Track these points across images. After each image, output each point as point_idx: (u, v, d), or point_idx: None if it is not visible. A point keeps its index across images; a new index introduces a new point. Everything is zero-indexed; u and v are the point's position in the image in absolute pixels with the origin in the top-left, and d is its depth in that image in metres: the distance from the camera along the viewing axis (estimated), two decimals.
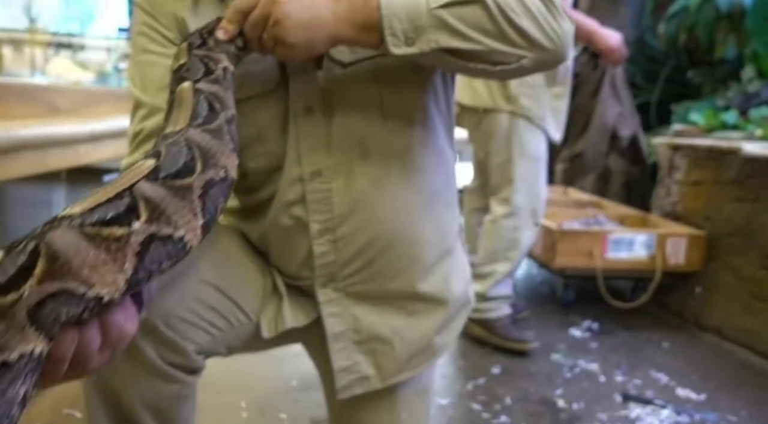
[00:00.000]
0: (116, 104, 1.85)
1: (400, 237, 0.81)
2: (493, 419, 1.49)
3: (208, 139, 0.48)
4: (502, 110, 1.89)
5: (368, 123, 0.77)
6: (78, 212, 0.37)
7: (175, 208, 0.41)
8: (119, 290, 0.38)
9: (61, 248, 0.35)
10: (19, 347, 0.32)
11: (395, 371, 0.88)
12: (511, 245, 1.92)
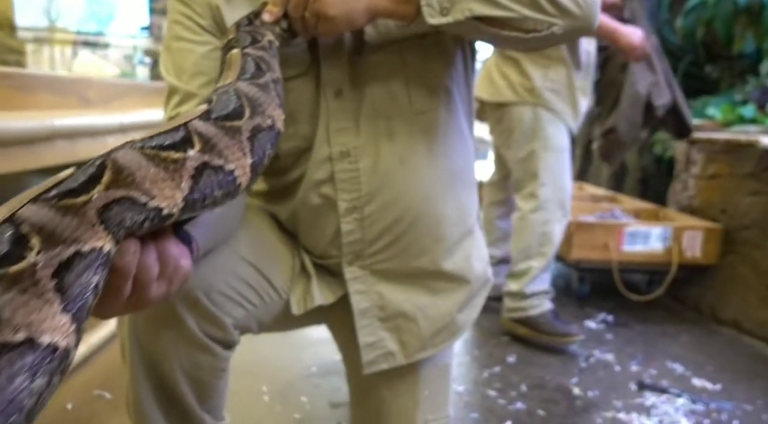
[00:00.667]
0: (142, 97, 1.90)
1: (425, 216, 0.84)
2: (508, 405, 1.51)
3: (255, 91, 0.52)
4: (525, 104, 1.88)
5: (395, 105, 0.81)
6: (142, 138, 0.42)
7: (226, 145, 0.45)
8: (177, 205, 0.41)
9: (125, 162, 0.39)
10: (91, 242, 0.35)
11: (419, 348, 0.91)
12: (543, 239, 1.91)
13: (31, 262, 0.32)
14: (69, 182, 0.37)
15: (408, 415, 0.97)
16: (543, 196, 1.89)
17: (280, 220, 0.90)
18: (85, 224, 0.35)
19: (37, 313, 0.30)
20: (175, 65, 0.80)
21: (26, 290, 0.30)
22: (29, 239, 0.32)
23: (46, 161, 1.43)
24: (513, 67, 1.90)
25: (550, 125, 1.88)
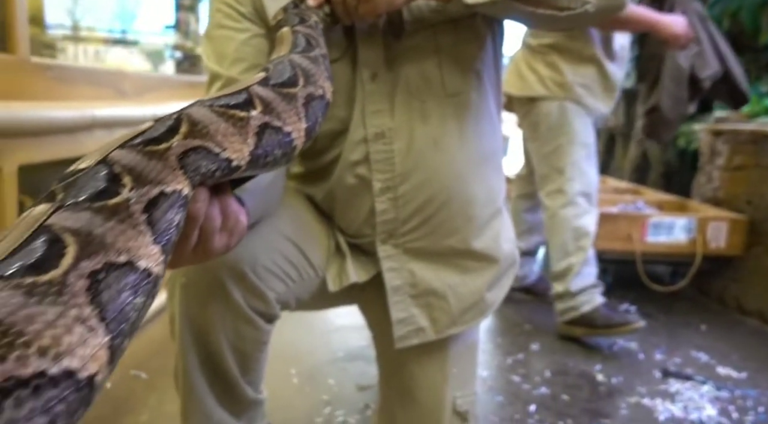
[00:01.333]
0: (173, 90, 1.95)
1: (456, 196, 0.87)
2: (533, 390, 1.53)
3: (307, 63, 0.56)
4: (554, 98, 1.87)
5: (429, 89, 0.83)
6: (210, 98, 0.46)
7: (284, 109, 0.49)
8: (244, 158, 0.45)
9: (198, 117, 0.44)
10: (172, 184, 0.39)
11: (448, 324, 0.94)
12: (577, 233, 1.87)
13: (125, 197, 0.35)
14: (151, 132, 0.41)
15: (437, 391, 1.00)
16: (571, 191, 1.86)
17: (315, 201, 0.94)
18: (168, 168, 0.39)
19: (134, 241, 0.34)
20: (217, 52, 0.84)
21: (123, 220, 0.34)
22: (122, 178, 0.36)
23: (86, 149, 1.48)
24: (542, 61, 1.89)
25: (577, 119, 1.86)
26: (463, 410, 1.02)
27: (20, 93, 1.21)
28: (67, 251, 0.30)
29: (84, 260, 0.30)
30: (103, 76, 1.63)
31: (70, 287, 0.28)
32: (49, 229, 0.31)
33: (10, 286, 0.27)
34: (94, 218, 0.33)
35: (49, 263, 0.29)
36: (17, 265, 0.28)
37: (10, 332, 0.25)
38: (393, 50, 0.82)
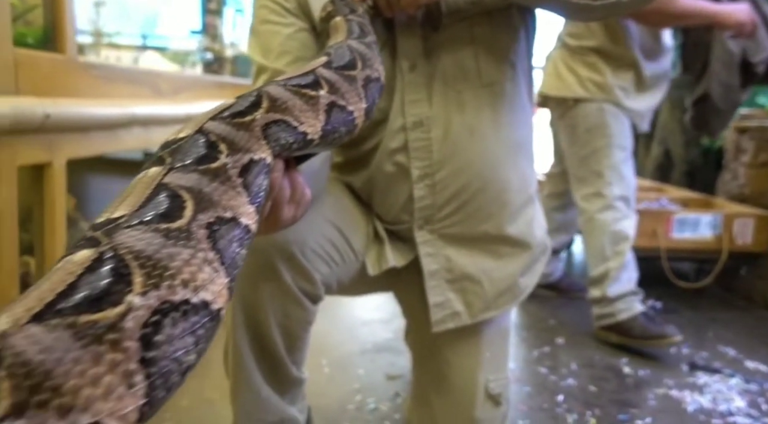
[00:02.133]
0: (205, 90, 2.01)
1: (491, 182, 0.90)
2: (560, 381, 1.55)
3: (363, 48, 0.61)
4: (593, 100, 1.83)
5: (465, 79, 0.87)
6: (281, 79, 0.50)
7: (346, 90, 0.53)
8: (317, 133, 0.50)
9: (276, 94, 0.48)
10: (259, 152, 0.43)
11: (483, 309, 0.97)
12: (616, 238, 1.83)
13: (223, 162, 0.39)
14: (236, 106, 0.45)
15: (470, 375, 1.03)
16: (610, 194, 1.82)
17: (354, 189, 0.97)
18: (254, 138, 0.43)
19: (235, 200, 0.38)
20: (263, 46, 0.88)
21: (224, 182, 0.38)
22: (218, 145, 0.40)
23: (125, 145, 1.54)
24: (582, 62, 1.86)
25: (615, 122, 1.82)
26: (496, 393, 1.04)
27: (68, 90, 1.27)
28: (186, 204, 0.34)
29: (200, 213, 0.34)
30: (142, 75, 1.69)
31: (195, 234, 0.33)
32: (167, 186, 0.35)
33: (151, 229, 0.31)
34: (202, 178, 0.37)
35: (175, 213, 0.33)
36: (151, 214, 0.32)
37: (159, 265, 0.29)
38: (430, 42, 0.86)
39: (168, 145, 0.40)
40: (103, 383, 0.25)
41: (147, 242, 0.30)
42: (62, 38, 1.25)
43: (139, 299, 0.28)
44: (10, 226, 1.08)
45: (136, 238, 0.30)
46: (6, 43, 1.06)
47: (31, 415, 0.23)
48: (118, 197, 0.35)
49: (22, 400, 0.23)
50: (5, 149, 1.06)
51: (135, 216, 0.32)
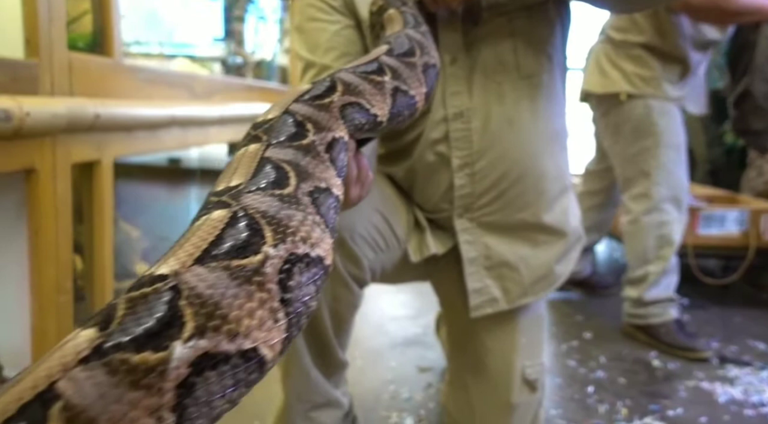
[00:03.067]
0: (237, 92, 2.07)
1: (529, 171, 0.94)
2: (589, 374, 1.57)
3: (419, 37, 0.65)
4: (638, 96, 1.75)
5: (504, 71, 0.90)
6: (349, 67, 0.54)
7: (408, 75, 0.57)
8: (386, 115, 0.54)
9: (348, 79, 0.52)
10: (338, 131, 0.47)
11: (520, 295, 1.00)
12: (660, 242, 1.76)
13: (312, 139, 0.44)
14: (314, 91, 0.49)
15: (507, 360, 1.06)
16: (657, 195, 1.75)
17: (396, 180, 1.01)
18: (333, 118, 0.47)
19: (326, 173, 0.42)
20: (309, 42, 0.93)
21: (315, 157, 0.42)
22: (305, 124, 0.45)
23: (165, 146, 1.60)
24: (627, 56, 1.78)
25: (663, 118, 1.74)
26: (532, 379, 1.07)
27: (114, 92, 1.32)
28: (289, 175, 0.38)
29: (302, 182, 0.39)
30: (179, 78, 1.75)
31: (302, 200, 0.37)
32: (270, 159, 0.39)
33: (267, 194, 0.35)
34: (297, 153, 0.41)
35: (283, 182, 0.37)
36: (264, 182, 0.37)
37: (281, 223, 0.34)
38: (471, 36, 0.89)
39: (260, 125, 0.45)
40: (257, 316, 0.30)
41: (268, 204, 0.34)
42: (110, 43, 1.31)
43: (273, 250, 0.32)
44: (65, 221, 1.14)
45: (259, 201, 0.35)
46: (62, 47, 1.12)
47: (209, 336, 0.28)
48: (228, 170, 0.40)
49: (201, 324, 0.28)
50: (61, 147, 1.12)
51: (251, 184, 0.36)
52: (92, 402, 0.24)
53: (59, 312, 1.12)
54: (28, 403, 0.24)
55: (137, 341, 0.26)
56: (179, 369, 0.27)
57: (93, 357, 0.25)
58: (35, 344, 1.09)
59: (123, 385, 0.25)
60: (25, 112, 0.97)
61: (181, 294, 0.28)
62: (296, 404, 0.93)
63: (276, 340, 0.31)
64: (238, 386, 0.29)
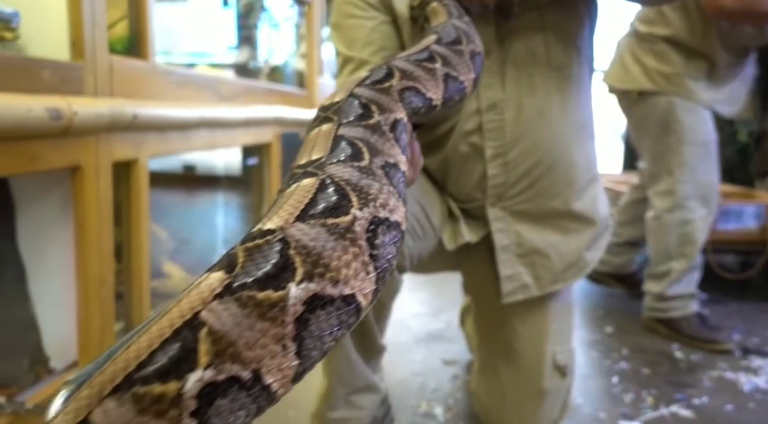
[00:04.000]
0: (260, 95, 2.11)
1: (559, 161, 0.97)
2: (613, 365, 1.59)
3: (464, 26, 0.68)
4: (660, 93, 1.72)
5: (535, 64, 0.94)
6: (401, 55, 0.58)
7: (457, 62, 0.60)
8: (439, 100, 0.57)
9: (404, 67, 0.56)
10: (398, 113, 0.50)
11: (551, 281, 1.03)
12: (682, 240, 1.75)
13: (378, 119, 0.47)
14: (374, 76, 0.53)
15: (538, 346, 1.09)
16: (681, 193, 1.73)
17: (429, 171, 1.05)
18: (393, 101, 0.51)
19: (392, 150, 0.45)
20: (347, 38, 0.96)
21: (382, 135, 0.46)
22: (370, 106, 0.48)
23: (194, 146, 1.65)
24: (650, 51, 1.74)
25: (688, 116, 1.70)
26: (562, 365, 1.10)
27: (149, 94, 1.37)
28: (362, 151, 0.42)
29: (374, 157, 0.42)
30: (207, 81, 1.79)
31: (377, 172, 0.40)
32: (344, 137, 0.43)
33: (348, 165, 0.39)
34: (366, 131, 0.45)
35: (358, 155, 0.41)
36: (342, 155, 0.40)
37: (363, 190, 0.37)
38: (503, 30, 0.93)
39: (328, 108, 0.48)
40: (352, 267, 0.33)
41: (350, 173, 0.38)
42: (144, 46, 1.35)
43: (359, 212, 0.35)
44: (106, 218, 1.18)
45: (341, 171, 0.38)
46: (104, 50, 1.17)
47: (316, 281, 0.31)
48: (306, 147, 0.43)
49: (309, 270, 0.31)
50: (103, 146, 1.16)
51: (331, 157, 0.40)
52: (230, 329, 0.28)
53: (102, 305, 1.16)
54: (180, 328, 0.27)
55: (259, 282, 0.30)
56: (296, 306, 0.30)
57: (225, 294, 0.29)
58: (81, 335, 1.13)
59: (253, 316, 0.29)
60: (74, 111, 1.01)
61: (289, 245, 0.32)
62: (338, 387, 0.96)
63: (368, 290, 0.35)
64: (341, 326, 0.33)
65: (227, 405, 0.28)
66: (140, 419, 0.26)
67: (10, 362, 1.09)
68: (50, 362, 1.14)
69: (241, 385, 0.28)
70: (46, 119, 0.95)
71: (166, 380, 0.26)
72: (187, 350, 0.27)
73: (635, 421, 1.29)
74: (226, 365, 0.28)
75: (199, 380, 0.27)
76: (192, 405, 0.26)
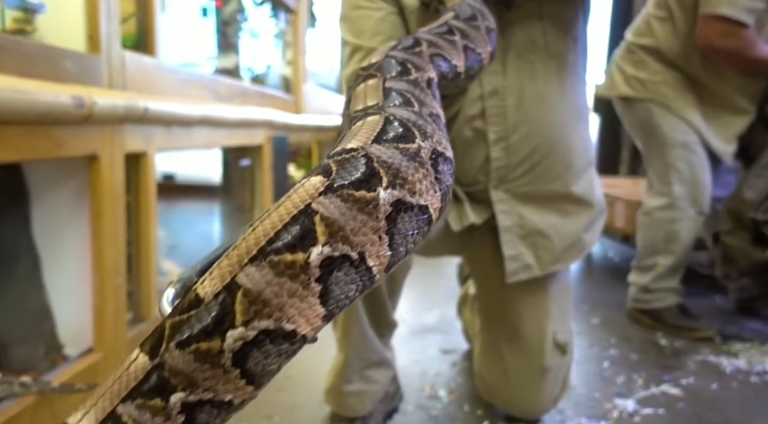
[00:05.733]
0: (251, 98, 2.16)
1: (558, 145, 1.04)
2: (602, 352, 1.66)
3: (478, 5, 0.74)
4: (640, 99, 1.81)
5: (535, 51, 1.00)
6: (423, 30, 0.63)
7: (474, 36, 0.66)
8: (463, 67, 0.63)
9: (427, 38, 0.61)
10: (431, 73, 0.56)
11: (552, 262, 1.09)
12: (670, 237, 1.82)
13: (416, 76, 0.52)
14: (403, 44, 0.58)
15: (540, 325, 1.14)
16: (671, 193, 1.81)
17: None
18: (425, 62, 0.56)
19: (433, 103, 0.50)
20: (355, 29, 1.01)
21: (422, 90, 0.50)
22: (407, 64, 0.54)
23: (196, 143, 1.68)
24: (630, 60, 1.85)
25: (665, 120, 1.78)
26: (562, 342, 1.16)
27: (157, 89, 1.41)
28: (411, 100, 0.47)
29: (421, 107, 0.47)
30: (208, 81, 1.83)
31: (426, 118, 0.45)
32: (392, 88, 0.48)
33: (404, 109, 0.44)
34: (409, 85, 0.50)
35: (409, 103, 0.46)
36: (396, 102, 0.45)
37: (422, 129, 0.41)
38: (504, 19, 0.99)
39: (368, 68, 0.53)
40: (424, 183, 0.38)
41: (408, 114, 0.42)
42: (152, 43, 1.39)
43: (423, 143, 0.40)
44: (120, 208, 1.21)
45: (400, 111, 0.43)
46: (117, 45, 1.20)
47: (398, 189, 0.36)
48: (358, 98, 0.48)
49: (392, 180, 0.36)
50: (118, 137, 1.19)
51: (387, 102, 0.45)
52: (338, 217, 0.33)
53: (116, 292, 1.19)
54: (297, 215, 0.33)
55: (354, 184, 0.35)
56: (385, 206, 0.35)
57: (328, 191, 0.34)
58: (96, 322, 1.15)
59: (354, 209, 0.34)
60: (93, 101, 1.05)
61: (372, 159, 0.36)
62: (354, 361, 1.01)
63: (436, 205, 0.39)
64: (419, 232, 0.38)
65: (342, 277, 0.33)
66: (278, 279, 0.31)
67: (26, 348, 1.11)
68: (64, 349, 1.16)
69: (351, 262, 0.34)
70: (71, 107, 0.98)
71: (294, 251, 0.32)
72: (306, 230, 0.32)
73: (629, 399, 1.35)
74: (338, 244, 0.33)
75: (320, 254, 0.32)
76: (317, 273, 0.32)
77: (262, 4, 3.30)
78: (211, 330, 0.31)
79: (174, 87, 1.50)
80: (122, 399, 0.31)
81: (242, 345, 0.31)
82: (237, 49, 3.18)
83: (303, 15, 2.98)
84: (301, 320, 0.32)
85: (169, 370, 0.31)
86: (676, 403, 1.35)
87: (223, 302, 0.31)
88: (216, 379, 0.32)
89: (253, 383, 0.32)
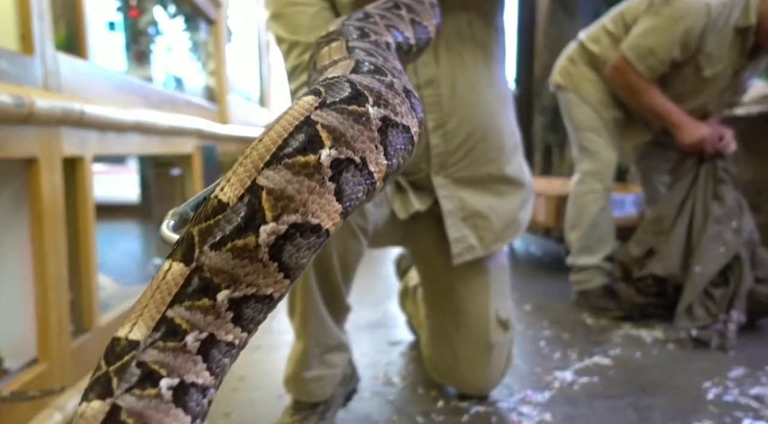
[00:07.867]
0: (177, 106, 2.13)
1: (490, 130, 1.12)
2: (537, 334, 1.77)
3: None
4: (564, 88, 2.07)
5: (463, 41, 1.08)
6: (369, 6, 0.65)
7: (420, 10, 0.67)
8: (412, 39, 0.64)
9: (376, 12, 0.63)
10: (388, 37, 0.59)
11: (492, 241, 1.17)
12: (579, 211, 2.04)
13: (375, 38, 0.55)
14: (355, 16, 0.60)
15: (484, 305, 1.22)
16: (582, 170, 2.04)
17: None
18: (382, 28, 0.59)
19: (396, 62, 0.52)
20: (291, 25, 1.02)
21: (383, 50, 0.53)
22: (364, 29, 0.57)
23: (129, 149, 1.64)
24: (573, 56, 2.07)
25: (578, 108, 2.04)
26: (504, 318, 1.24)
27: (90, 93, 1.37)
28: (376, 55, 0.49)
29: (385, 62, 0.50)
30: (138, 87, 1.79)
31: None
32: (356, 47, 0.50)
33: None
34: (371, 46, 0.52)
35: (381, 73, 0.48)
36: (363, 54, 0.49)
37: (394, 68, 0.46)
38: None
39: (328, 35, 0.56)
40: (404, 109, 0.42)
41: (376, 61, 0.45)
42: (83, 45, 1.36)
43: (396, 81, 0.43)
44: (60, 213, 1.17)
45: (369, 58, 0.46)
46: (50, 45, 1.17)
47: (382, 107, 0.39)
48: (323, 56, 0.51)
49: (377, 100, 0.39)
50: (55, 140, 1.16)
51: (353, 55, 0.47)
52: (338, 125, 0.36)
53: (59, 300, 1.15)
54: (299, 125, 0.35)
55: (345, 100, 0.37)
56: (376, 120, 0.38)
57: (322, 106, 0.36)
58: (40, 332, 1.10)
59: (350, 119, 0.37)
60: (32, 101, 1.02)
61: (355, 84, 0.39)
62: (314, 347, 1.03)
63: (415, 129, 0.43)
64: (406, 148, 0.41)
65: (351, 179, 0.36)
66: (297, 178, 0.33)
67: None
68: (4, 363, 1.10)
69: (356, 166, 0.36)
70: (11, 106, 0.95)
71: (305, 153, 0.34)
72: (312, 135, 0.34)
73: (567, 371, 1.46)
74: (342, 148, 0.35)
75: (328, 156, 0.34)
76: (329, 173, 0.34)
77: (175, 17, 3.24)
78: (244, 227, 0.32)
79: (106, 92, 1.47)
80: (169, 304, 0.32)
81: (276, 239, 0.32)
82: (149, 63, 3.09)
83: (223, 26, 2.97)
84: (323, 214, 0.34)
85: (209, 270, 0.32)
86: (607, 371, 1.47)
87: (249, 202, 0.32)
88: (257, 273, 0.33)
89: (289, 277, 0.34)
